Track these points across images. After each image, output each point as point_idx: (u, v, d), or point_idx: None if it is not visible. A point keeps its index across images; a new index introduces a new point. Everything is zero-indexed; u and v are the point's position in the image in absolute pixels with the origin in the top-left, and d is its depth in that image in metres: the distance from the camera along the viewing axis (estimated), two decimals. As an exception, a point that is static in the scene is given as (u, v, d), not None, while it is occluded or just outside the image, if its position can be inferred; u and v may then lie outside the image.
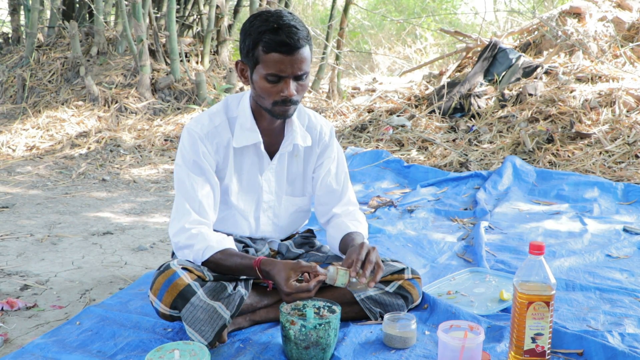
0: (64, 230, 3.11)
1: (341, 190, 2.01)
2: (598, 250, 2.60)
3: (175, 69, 6.48)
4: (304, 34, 1.65)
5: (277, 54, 1.62)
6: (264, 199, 1.92)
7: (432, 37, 10.35)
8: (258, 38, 1.63)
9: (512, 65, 5.86)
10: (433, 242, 2.69)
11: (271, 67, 1.63)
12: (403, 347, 1.68)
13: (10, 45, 7.84)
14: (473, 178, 3.95)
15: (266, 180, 1.91)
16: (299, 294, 1.54)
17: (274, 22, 1.62)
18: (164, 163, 5.02)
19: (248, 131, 1.81)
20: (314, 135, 1.94)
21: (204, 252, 1.71)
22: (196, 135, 1.79)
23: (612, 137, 4.53)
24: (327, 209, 2.01)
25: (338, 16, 7.19)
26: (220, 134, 1.82)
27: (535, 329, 1.50)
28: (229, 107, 1.86)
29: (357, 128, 5.69)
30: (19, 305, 2.06)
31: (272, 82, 1.66)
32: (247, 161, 1.87)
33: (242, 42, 1.69)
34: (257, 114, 1.82)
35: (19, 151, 5.33)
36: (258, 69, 1.66)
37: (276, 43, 1.60)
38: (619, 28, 6.07)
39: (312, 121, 1.95)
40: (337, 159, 2.01)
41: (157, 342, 1.68)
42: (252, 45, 1.65)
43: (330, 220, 2.01)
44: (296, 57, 1.63)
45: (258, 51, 1.64)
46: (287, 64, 1.63)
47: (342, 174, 2.02)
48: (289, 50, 1.61)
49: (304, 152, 1.95)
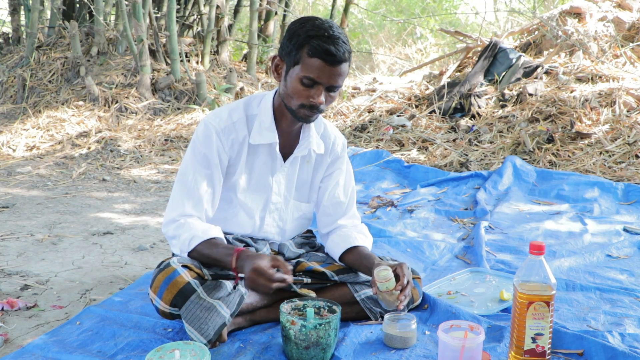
0: (64, 230, 3.11)
1: (347, 203, 2.02)
2: (598, 250, 2.60)
3: (176, 69, 6.48)
4: (348, 50, 1.69)
5: (320, 60, 1.65)
6: (272, 200, 1.92)
7: (433, 37, 10.36)
8: (306, 41, 1.65)
9: (512, 65, 5.86)
10: (433, 245, 2.68)
11: (310, 71, 1.66)
12: (403, 347, 1.68)
13: (11, 45, 7.84)
14: (473, 178, 3.95)
15: (276, 182, 1.91)
16: (261, 277, 1.54)
17: (325, 30, 1.66)
18: (164, 163, 5.02)
19: (266, 130, 1.82)
20: (327, 145, 1.97)
21: (190, 241, 1.71)
22: (212, 129, 1.80)
23: (612, 137, 4.53)
24: (332, 220, 2.01)
25: (338, 16, 7.20)
26: (237, 130, 1.83)
27: (535, 329, 1.50)
28: (249, 105, 1.87)
29: (358, 128, 5.70)
30: (19, 305, 2.06)
31: (306, 86, 1.68)
32: (260, 160, 1.88)
33: (288, 40, 1.71)
34: (278, 115, 1.84)
35: (19, 151, 5.33)
36: (296, 69, 1.68)
37: (323, 50, 1.64)
38: (619, 28, 6.07)
39: (328, 131, 1.98)
40: (347, 172, 2.04)
41: (157, 342, 1.68)
42: (297, 46, 1.67)
43: (334, 231, 2.01)
44: (336, 69, 1.67)
45: (302, 53, 1.66)
46: (326, 72, 1.66)
47: (350, 188, 2.04)
48: (332, 60, 1.65)
49: (316, 159, 1.96)
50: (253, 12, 7.40)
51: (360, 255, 1.85)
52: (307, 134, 1.88)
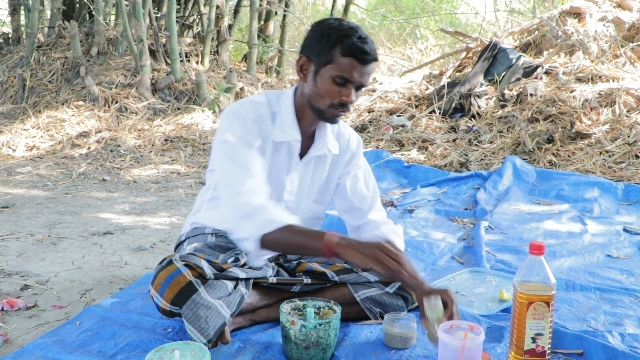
0: (64, 230, 3.11)
1: (372, 197, 2.03)
2: (598, 250, 2.60)
3: (176, 69, 6.48)
4: (376, 51, 1.74)
5: (354, 59, 1.68)
6: (284, 198, 1.92)
7: (433, 37, 10.36)
8: (339, 40, 1.68)
9: (512, 65, 5.86)
10: (433, 245, 2.68)
11: (343, 70, 1.68)
12: (403, 347, 1.68)
13: (11, 45, 7.84)
14: (473, 178, 3.94)
15: (290, 181, 1.91)
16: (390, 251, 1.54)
17: (355, 30, 1.70)
18: (164, 163, 5.02)
19: (288, 127, 1.82)
20: (342, 143, 1.98)
21: (266, 225, 1.66)
22: (245, 117, 1.78)
23: (612, 137, 4.53)
24: (362, 213, 2.02)
25: (338, 16, 7.20)
26: (265, 123, 1.82)
27: (535, 329, 1.50)
28: (270, 102, 1.86)
29: (357, 128, 5.70)
30: (19, 305, 2.06)
31: (338, 85, 1.70)
32: (277, 158, 1.88)
33: (317, 40, 1.72)
34: (300, 113, 1.84)
35: (19, 151, 5.33)
36: (328, 68, 1.70)
37: (357, 49, 1.67)
38: (619, 28, 6.07)
39: (342, 130, 1.99)
40: (365, 168, 2.06)
41: (157, 342, 1.67)
42: (329, 45, 1.69)
43: (367, 226, 2.01)
44: (367, 68, 1.71)
45: (335, 52, 1.68)
46: (358, 71, 1.69)
47: (371, 182, 2.06)
48: (365, 60, 1.68)
49: (332, 159, 1.97)
50: (253, 12, 7.41)
51: None
52: (323, 134, 1.89)
